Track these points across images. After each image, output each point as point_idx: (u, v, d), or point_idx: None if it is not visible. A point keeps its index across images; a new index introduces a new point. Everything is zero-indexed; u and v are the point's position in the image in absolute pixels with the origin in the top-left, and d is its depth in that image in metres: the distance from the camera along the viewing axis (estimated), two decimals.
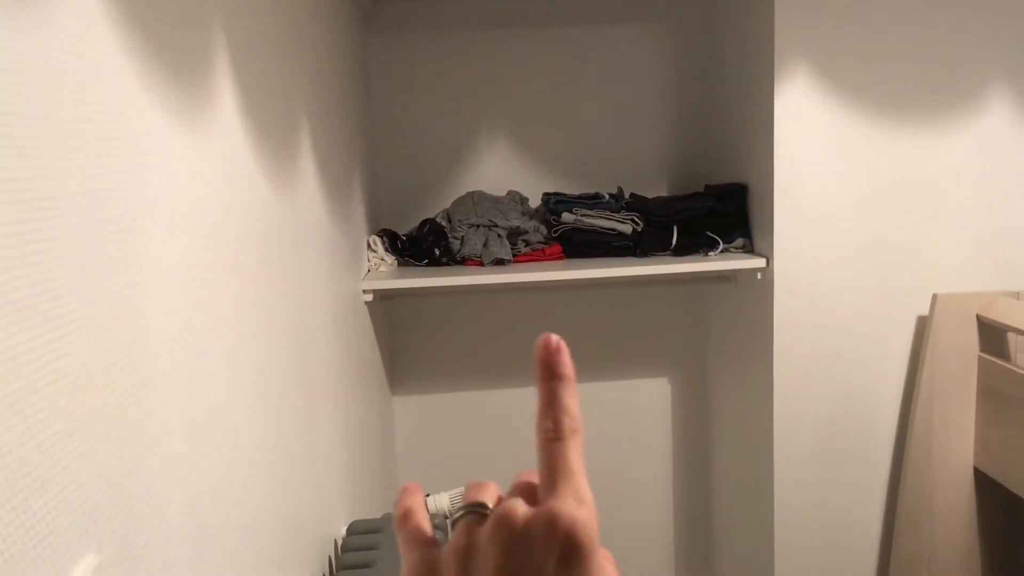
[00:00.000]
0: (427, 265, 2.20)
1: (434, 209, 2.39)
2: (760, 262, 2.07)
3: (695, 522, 2.69)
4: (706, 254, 2.16)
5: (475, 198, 2.35)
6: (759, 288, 2.10)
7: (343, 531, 1.48)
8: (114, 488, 0.66)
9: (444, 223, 2.29)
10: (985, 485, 1.97)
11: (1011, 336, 1.92)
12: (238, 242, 1.01)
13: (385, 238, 2.23)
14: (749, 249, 2.17)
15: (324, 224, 1.59)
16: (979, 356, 1.94)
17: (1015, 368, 1.84)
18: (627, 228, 2.19)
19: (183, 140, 0.85)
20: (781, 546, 2.11)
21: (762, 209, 2.08)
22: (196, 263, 0.87)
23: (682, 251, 2.17)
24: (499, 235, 2.21)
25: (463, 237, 2.21)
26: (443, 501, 1.56)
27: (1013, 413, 1.82)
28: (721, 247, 2.16)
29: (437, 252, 2.20)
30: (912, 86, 1.96)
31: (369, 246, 2.18)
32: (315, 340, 1.44)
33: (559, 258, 2.22)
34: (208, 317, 0.90)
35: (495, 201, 2.33)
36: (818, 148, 1.97)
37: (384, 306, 2.34)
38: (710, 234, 2.17)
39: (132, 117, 0.73)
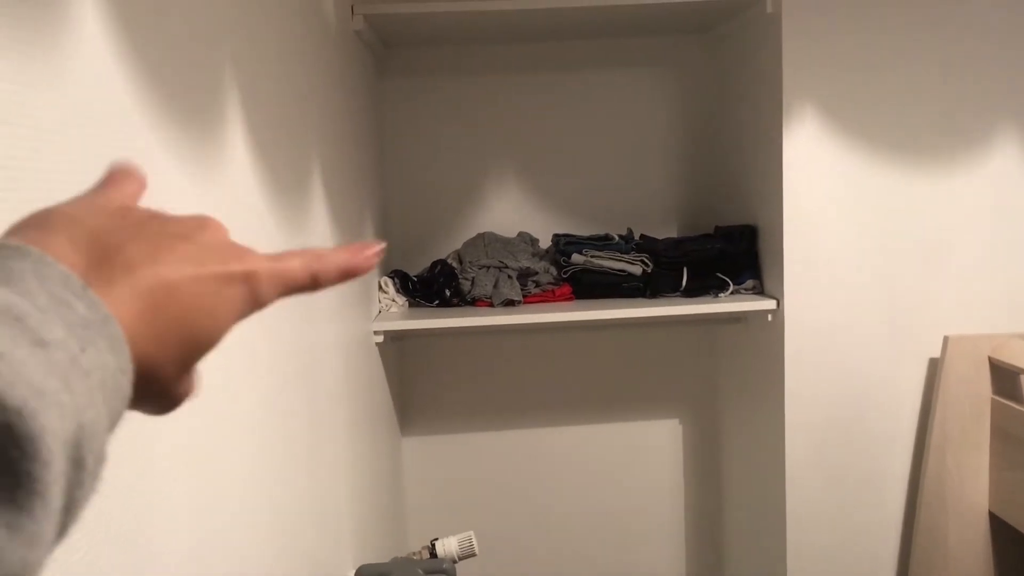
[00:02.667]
0: (438, 306, 2.21)
1: (445, 250, 2.41)
2: (770, 304, 2.07)
3: (707, 565, 2.66)
4: (716, 295, 2.16)
5: (486, 239, 2.36)
6: (769, 329, 2.10)
7: (351, 575, 1.47)
8: (112, 530, 0.67)
9: (455, 264, 2.30)
10: (1000, 530, 1.94)
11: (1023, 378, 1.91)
12: None
13: (396, 279, 2.24)
14: (759, 290, 2.17)
15: None
16: (991, 399, 1.92)
17: None
18: (637, 269, 2.20)
19: (194, 188, 0.87)
20: None
21: (772, 250, 2.08)
22: None
23: (692, 292, 2.18)
24: (509, 276, 2.22)
25: (473, 278, 2.22)
26: (452, 545, 1.55)
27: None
28: (731, 288, 2.16)
29: (448, 293, 2.22)
30: (919, 129, 1.97)
31: (380, 287, 2.19)
32: (324, 381, 1.45)
33: (569, 299, 2.23)
34: (214, 360, 0.90)
35: (505, 242, 2.34)
36: (827, 190, 1.98)
37: (395, 347, 2.35)
38: (720, 275, 2.18)
39: (143, 165, 0.75)
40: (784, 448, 2.05)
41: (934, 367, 2.00)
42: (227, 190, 0.96)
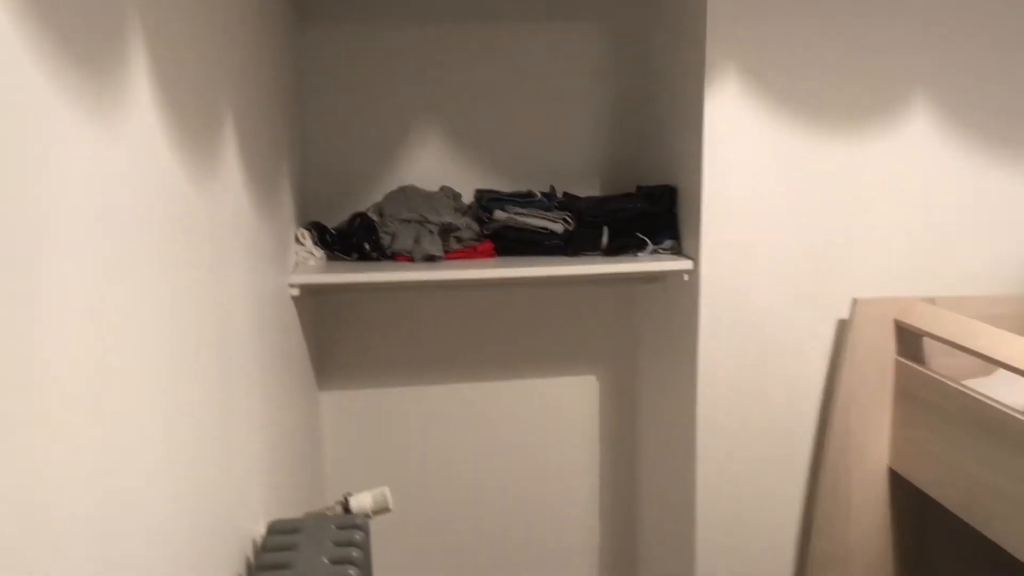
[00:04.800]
0: (357, 260, 2.18)
1: (366, 203, 2.37)
2: (687, 264, 2.09)
3: (620, 520, 2.71)
4: (636, 255, 2.18)
5: (407, 192, 2.33)
6: (686, 289, 2.13)
7: (262, 530, 1.45)
8: (8, 489, 0.64)
9: (375, 217, 2.27)
10: (899, 485, 2.02)
11: (926, 341, 1.98)
12: (148, 236, 0.98)
13: (314, 231, 2.19)
14: (678, 251, 2.20)
15: (248, 217, 1.55)
16: (896, 360, 1.99)
17: (930, 372, 1.89)
18: (559, 227, 2.20)
19: (91, 132, 0.82)
20: (703, 544, 2.15)
21: (690, 211, 2.10)
22: (105, 257, 0.84)
23: (612, 251, 2.19)
24: (431, 231, 2.19)
25: (394, 232, 2.19)
26: (365, 500, 1.54)
27: (927, 416, 1.87)
28: (651, 248, 2.18)
29: (367, 247, 2.18)
30: (839, 95, 2.00)
31: (297, 239, 2.14)
32: (236, 336, 1.41)
33: (491, 256, 2.22)
34: (117, 314, 0.87)
35: (427, 196, 2.31)
36: (747, 153, 2.00)
37: (312, 301, 2.31)
38: (640, 235, 2.19)
39: (34, 109, 0.70)
40: (696, 405, 2.09)
41: (843, 329, 2.06)
42: (128, 134, 0.92)
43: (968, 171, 2.06)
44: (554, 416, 2.63)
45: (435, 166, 2.44)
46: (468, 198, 2.34)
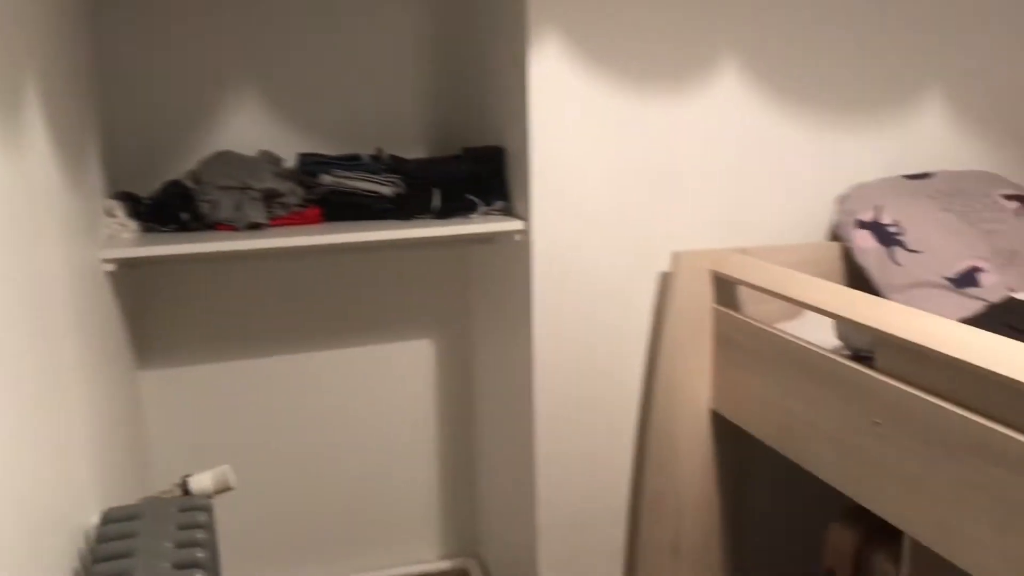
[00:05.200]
0: (175, 231, 2.07)
1: (180, 170, 2.24)
2: (518, 224, 2.12)
3: (460, 481, 2.75)
4: (468, 216, 2.19)
5: (225, 158, 2.22)
6: (518, 250, 2.16)
7: (95, 520, 1.36)
8: None
9: (191, 185, 2.15)
10: (720, 426, 2.16)
11: (741, 288, 2.11)
12: None
13: (125, 202, 2.06)
14: (508, 211, 2.22)
15: (57, 191, 1.44)
16: (713, 308, 2.11)
17: (744, 318, 2.02)
18: (388, 190, 2.17)
19: None
20: (543, 492, 2.21)
21: (520, 173, 2.13)
22: None
23: (444, 213, 2.19)
24: (253, 197, 2.11)
25: (214, 200, 2.09)
26: (206, 481, 1.48)
27: (744, 358, 2.00)
28: (482, 209, 2.20)
29: (186, 216, 2.07)
30: (654, 56, 2.07)
31: (108, 211, 2.00)
32: (51, 316, 1.31)
33: (319, 221, 2.16)
34: None
35: (247, 161, 2.22)
36: (572, 113, 2.04)
37: (129, 276, 2.17)
38: (471, 197, 2.20)
39: None
40: (532, 359, 2.14)
41: (665, 281, 2.16)
42: None
43: (773, 129, 2.20)
44: (389, 383, 2.61)
45: (253, 130, 2.34)
46: (290, 163, 2.27)
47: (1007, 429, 1.28)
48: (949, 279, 2.01)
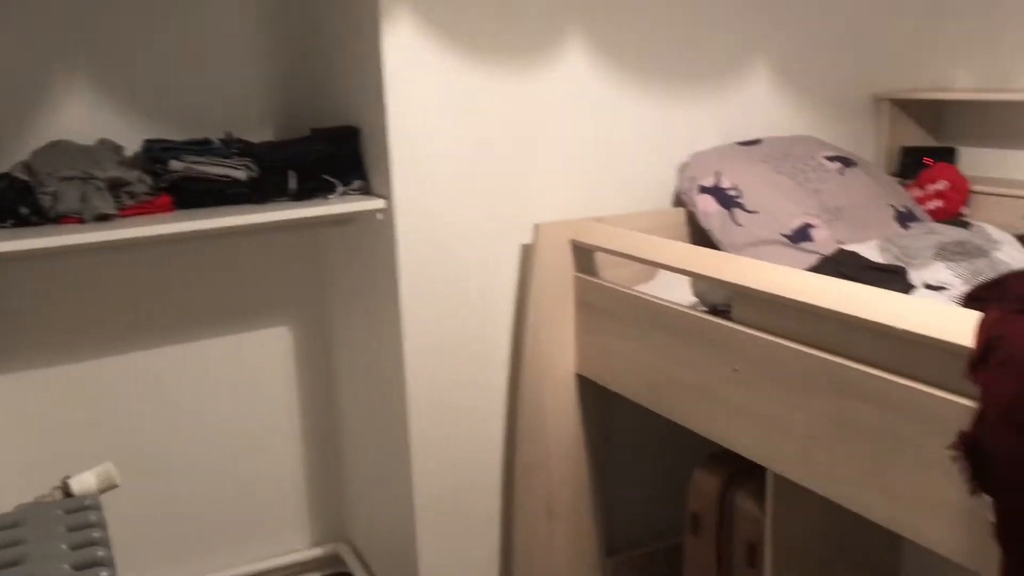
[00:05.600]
0: (14, 226, 1.94)
1: (9, 162, 2.10)
2: (379, 203, 2.12)
3: (327, 465, 2.73)
4: (326, 197, 2.17)
5: (61, 148, 2.10)
6: (381, 229, 2.16)
7: None
8: None
9: (25, 177, 2.02)
10: (586, 389, 2.25)
11: (599, 255, 2.20)
12: None
13: None
14: (367, 191, 2.22)
15: None
16: (575, 276, 2.19)
17: (603, 282, 2.11)
18: (242, 174, 2.12)
19: None
20: (418, 468, 2.23)
21: (377, 151, 2.13)
22: None
23: (301, 196, 2.16)
24: (98, 187, 2.01)
25: (55, 192, 1.97)
26: (89, 480, 1.41)
27: (606, 322, 2.09)
28: (340, 190, 2.18)
29: (25, 211, 1.95)
30: (504, 31, 2.12)
31: None
32: None
33: (170, 210, 2.08)
34: None
35: (85, 151, 2.11)
36: (428, 89, 2.06)
37: None
38: (328, 177, 2.18)
39: None
40: (402, 339, 2.15)
41: (527, 252, 2.22)
42: None
43: (619, 102, 2.30)
44: (248, 373, 2.55)
45: (88, 117, 2.23)
46: (133, 151, 2.17)
47: (857, 364, 1.42)
48: (786, 236, 2.17)
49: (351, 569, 2.68)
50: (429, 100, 2.07)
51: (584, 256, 2.19)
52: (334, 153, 2.21)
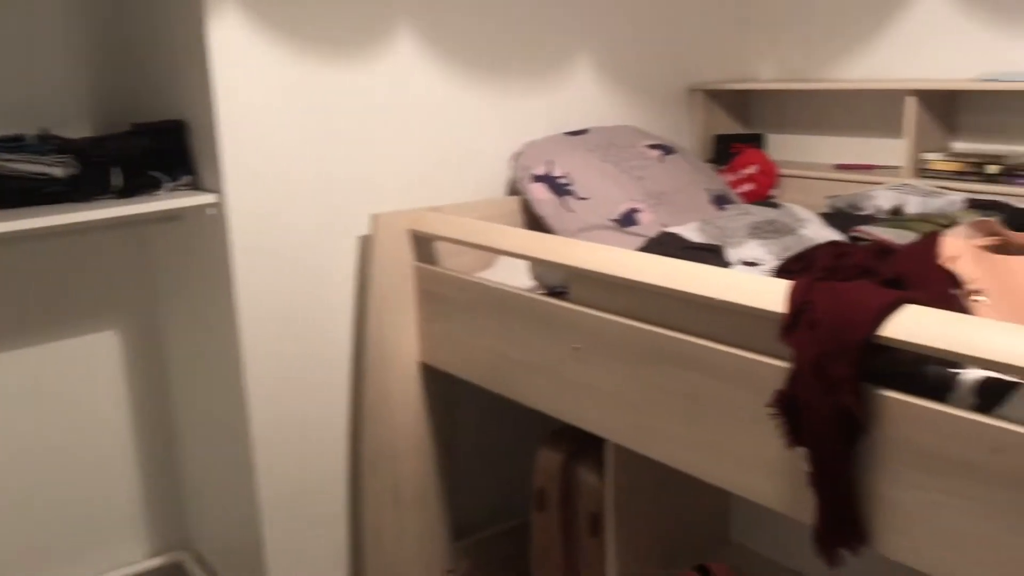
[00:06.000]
0: None
1: None
2: (210, 198, 2.07)
3: (162, 472, 2.63)
4: (153, 194, 2.09)
5: None
6: (213, 225, 2.11)
7: None
8: None
9: None
10: (429, 376, 2.28)
11: (438, 245, 2.24)
12: None
13: None
14: (196, 186, 2.16)
15: None
16: (414, 265, 2.21)
17: (444, 271, 2.15)
18: (60, 172, 2.01)
19: None
20: (262, 466, 2.20)
21: (206, 145, 2.07)
22: None
23: (127, 192, 2.07)
24: None
25: None
26: None
27: (448, 309, 2.13)
28: (169, 185, 2.11)
29: None
30: (332, 22, 2.11)
31: None
32: None
33: None
34: None
35: None
36: (259, 81, 2.03)
37: None
38: (154, 173, 2.10)
39: None
40: (239, 336, 2.11)
41: (366, 243, 2.23)
42: None
43: (452, 93, 2.34)
44: (73, 382, 2.43)
45: None
46: None
47: (684, 335, 1.52)
48: (614, 220, 2.29)
49: None
50: (258, 93, 2.04)
51: (423, 245, 2.22)
52: (160, 148, 2.13)
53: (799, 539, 1.71)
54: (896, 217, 2.18)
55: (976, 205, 2.12)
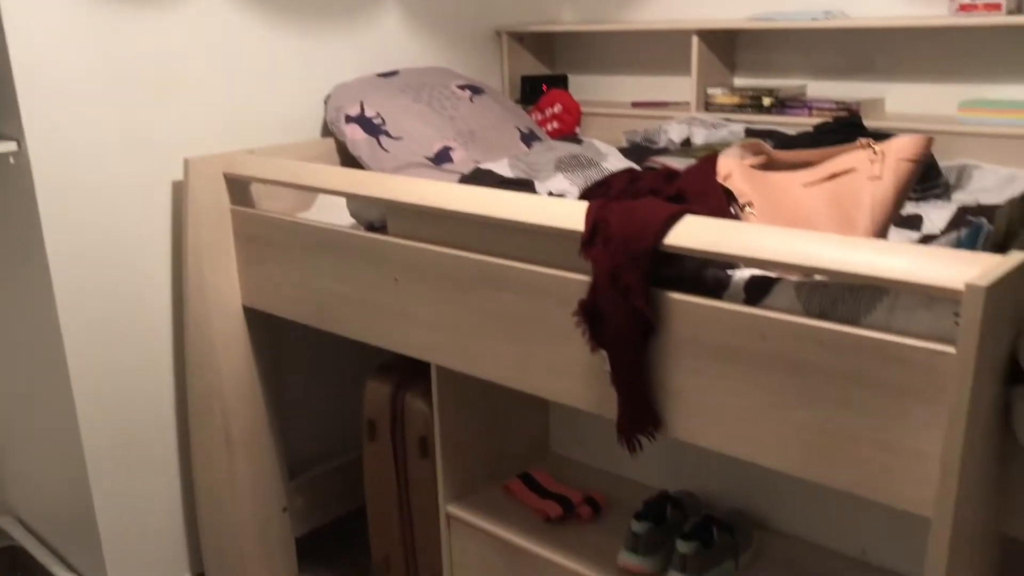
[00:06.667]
0: None
1: None
2: (10, 146, 1.99)
3: None
4: None
5: None
6: (13, 173, 2.03)
7: None
8: None
9: None
10: (253, 318, 2.30)
11: (256, 187, 2.24)
12: None
13: None
14: None
15: None
16: (231, 208, 2.22)
17: (261, 212, 2.17)
18: None
19: None
20: (85, 420, 2.17)
21: (2, 90, 1.99)
22: None
23: None
24: None
25: None
26: None
27: (268, 252, 2.15)
28: None
29: None
30: None
31: None
32: None
33: None
34: None
35: None
36: (57, 24, 1.96)
37: None
38: None
39: None
40: (52, 288, 2.06)
41: (180, 189, 2.21)
42: None
43: (262, 35, 2.33)
44: None
45: None
46: None
47: (497, 259, 1.64)
48: (429, 159, 2.37)
49: (19, 540, 2.53)
50: (57, 34, 1.97)
51: (239, 189, 2.22)
52: None
53: (609, 444, 1.89)
54: (686, 148, 2.38)
55: (753, 134, 2.36)
